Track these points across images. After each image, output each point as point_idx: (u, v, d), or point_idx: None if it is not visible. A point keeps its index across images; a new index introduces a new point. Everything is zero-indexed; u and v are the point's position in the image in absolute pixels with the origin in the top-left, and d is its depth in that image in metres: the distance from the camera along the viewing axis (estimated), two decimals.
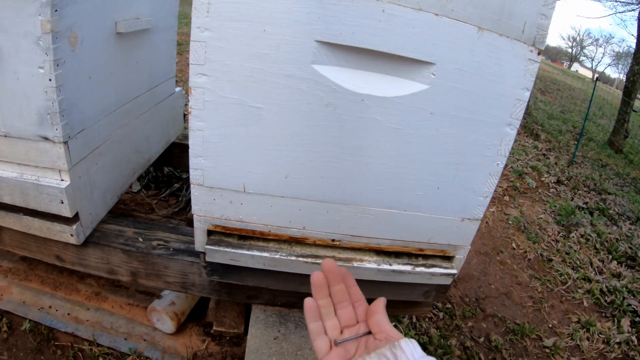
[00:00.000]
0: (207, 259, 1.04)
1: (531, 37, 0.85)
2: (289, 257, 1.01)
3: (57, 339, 1.45)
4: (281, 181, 0.93)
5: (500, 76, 0.88)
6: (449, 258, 1.13)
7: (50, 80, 1.00)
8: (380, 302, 0.65)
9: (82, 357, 1.41)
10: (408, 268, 1.06)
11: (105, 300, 1.58)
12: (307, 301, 0.68)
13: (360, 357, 0.58)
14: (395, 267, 1.06)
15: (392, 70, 0.85)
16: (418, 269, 1.08)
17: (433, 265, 1.10)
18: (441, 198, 1.00)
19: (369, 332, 0.63)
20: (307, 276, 1.09)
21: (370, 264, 1.05)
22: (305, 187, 0.94)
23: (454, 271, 1.11)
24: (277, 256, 1.01)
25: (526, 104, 0.95)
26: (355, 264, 1.04)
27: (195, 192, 0.95)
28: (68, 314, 1.51)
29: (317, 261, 1.03)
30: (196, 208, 0.97)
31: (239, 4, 0.76)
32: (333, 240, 1.02)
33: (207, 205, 0.96)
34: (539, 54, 0.88)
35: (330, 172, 0.92)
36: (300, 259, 1.02)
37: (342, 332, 0.65)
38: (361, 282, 1.09)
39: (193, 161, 0.91)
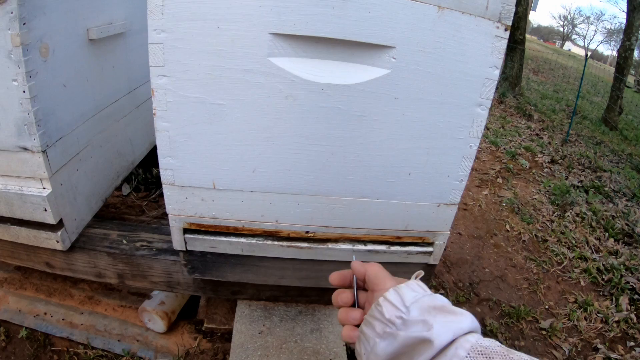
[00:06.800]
0: (188, 248, 1.05)
1: (496, 13, 0.83)
2: (265, 242, 1.03)
3: (53, 344, 1.47)
4: (249, 176, 0.93)
5: (466, 55, 0.86)
6: (428, 244, 1.13)
7: (24, 91, 1.01)
8: (358, 263, 0.57)
9: None
10: (383, 247, 1.07)
11: (99, 303, 1.60)
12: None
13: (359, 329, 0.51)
14: (370, 247, 1.07)
15: (351, 57, 0.84)
16: (393, 248, 1.08)
17: (409, 244, 1.10)
18: (414, 184, 1.00)
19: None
20: (286, 270, 1.12)
21: (345, 245, 1.06)
22: (273, 181, 0.94)
23: (430, 249, 1.11)
24: (254, 241, 1.03)
25: (496, 82, 0.93)
26: (330, 245, 1.05)
27: (167, 192, 0.96)
28: (63, 319, 1.53)
29: (293, 244, 1.04)
30: (170, 207, 0.98)
31: (191, 3, 0.76)
32: (307, 232, 1.03)
33: (180, 204, 0.97)
34: (506, 29, 0.85)
35: (297, 164, 0.92)
36: (276, 242, 1.03)
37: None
38: (339, 265, 1.11)
39: (162, 161, 0.91)
